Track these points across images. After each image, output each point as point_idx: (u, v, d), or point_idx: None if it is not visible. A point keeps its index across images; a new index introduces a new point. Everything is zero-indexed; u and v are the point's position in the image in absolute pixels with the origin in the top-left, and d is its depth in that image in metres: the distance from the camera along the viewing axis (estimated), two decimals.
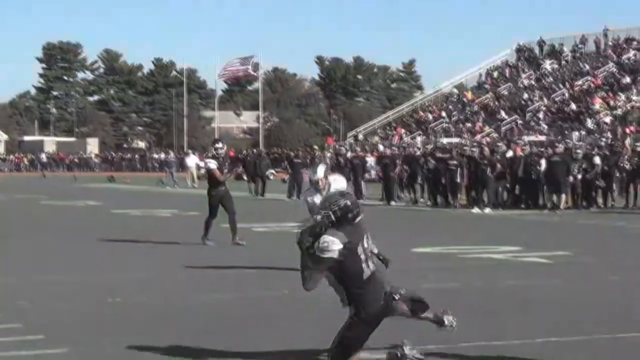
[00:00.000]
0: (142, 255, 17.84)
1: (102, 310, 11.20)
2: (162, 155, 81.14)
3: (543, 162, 31.07)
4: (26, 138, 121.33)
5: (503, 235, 21.81)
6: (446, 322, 8.18)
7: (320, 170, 14.71)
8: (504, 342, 9.25)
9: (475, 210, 30.72)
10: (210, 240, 19.31)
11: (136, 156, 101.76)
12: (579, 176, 30.37)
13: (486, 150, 32.94)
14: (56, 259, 16.95)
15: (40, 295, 11.69)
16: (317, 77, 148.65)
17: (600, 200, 31.70)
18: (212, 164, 19.55)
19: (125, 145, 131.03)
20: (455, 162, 32.42)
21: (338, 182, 14.50)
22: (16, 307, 11.57)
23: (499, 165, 31.31)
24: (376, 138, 67.97)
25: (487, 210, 30.59)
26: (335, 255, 7.47)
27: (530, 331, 9.74)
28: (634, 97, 56.69)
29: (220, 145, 20.26)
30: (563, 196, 30.63)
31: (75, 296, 11.31)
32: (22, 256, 12.15)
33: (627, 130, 48.54)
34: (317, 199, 14.08)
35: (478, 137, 57.62)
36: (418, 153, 38.01)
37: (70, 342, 9.39)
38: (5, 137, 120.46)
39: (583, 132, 52.11)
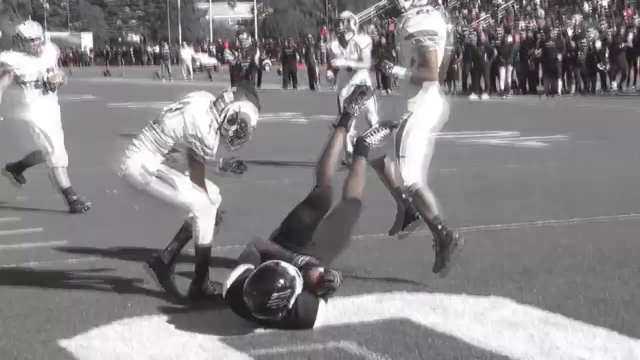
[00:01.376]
0: None
1: (99, 203, 11.20)
2: (157, 49, 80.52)
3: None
4: None
5: (500, 121, 21.77)
6: None
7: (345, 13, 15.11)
8: (503, 225, 9.27)
9: (473, 96, 30.63)
10: None
11: (131, 50, 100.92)
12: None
13: (483, 36, 32.67)
14: None
15: (37, 189, 11.67)
16: None
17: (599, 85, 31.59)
18: (228, 55, 19.39)
19: (119, 40, 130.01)
20: (451, 48, 32.23)
21: (361, 38, 14.71)
22: (15, 201, 11.58)
23: (495, 52, 31.12)
24: (372, 27, 67.36)
25: (485, 96, 30.50)
26: None
27: (530, 214, 9.75)
28: None
29: (244, 36, 20.21)
30: (559, 81, 30.54)
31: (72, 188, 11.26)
32: (18, 150, 12.08)
33: (625, 14, 48.04)
34: (334, 45, 14.37)
35: (474, 23, 57.11)
36: None
37: (68, 234, 9.42)
38: None
39: (580, 16, 51.54)
